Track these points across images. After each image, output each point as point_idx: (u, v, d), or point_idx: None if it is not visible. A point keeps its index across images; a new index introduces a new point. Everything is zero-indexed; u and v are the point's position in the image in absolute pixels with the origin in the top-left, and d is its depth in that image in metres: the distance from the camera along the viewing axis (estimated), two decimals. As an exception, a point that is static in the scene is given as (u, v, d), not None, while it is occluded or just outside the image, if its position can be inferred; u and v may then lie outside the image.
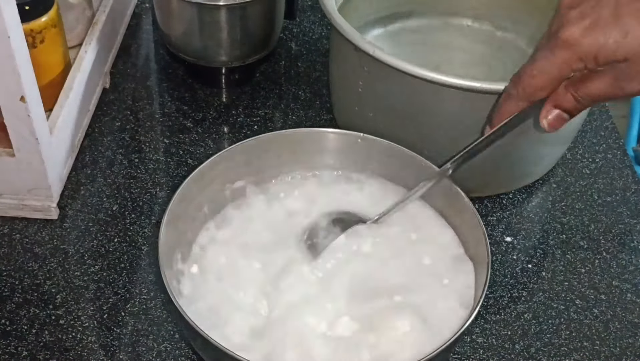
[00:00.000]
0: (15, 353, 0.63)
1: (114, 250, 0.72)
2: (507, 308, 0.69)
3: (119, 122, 0.84)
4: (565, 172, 0.82)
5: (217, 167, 0.64)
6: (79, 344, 0.64)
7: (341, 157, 0.68)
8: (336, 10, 0.73)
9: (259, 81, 0.90)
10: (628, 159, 0.83)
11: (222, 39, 0.85)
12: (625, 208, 0.78)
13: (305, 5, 0.99)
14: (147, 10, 0.98)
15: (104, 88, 0.87)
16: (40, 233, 0.72)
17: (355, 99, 0.76)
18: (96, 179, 0.78)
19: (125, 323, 0.66)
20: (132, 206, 0.75)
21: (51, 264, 0.70)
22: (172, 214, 0.60)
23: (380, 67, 0.68)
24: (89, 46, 0.80)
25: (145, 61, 0.92)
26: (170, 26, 0.87)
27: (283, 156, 0.67)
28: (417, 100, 0.70)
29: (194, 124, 0.84)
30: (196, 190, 0.63)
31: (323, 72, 0.90)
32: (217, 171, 0.64)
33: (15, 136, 0.68)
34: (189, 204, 0.62)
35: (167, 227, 0.59)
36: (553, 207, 0.78)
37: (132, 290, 0.68)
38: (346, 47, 0.71)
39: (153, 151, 0.81)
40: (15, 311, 0.66)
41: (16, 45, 0.61)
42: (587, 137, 0.85)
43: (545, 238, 0.75)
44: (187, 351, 0.64)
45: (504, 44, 0.88)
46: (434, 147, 0.68)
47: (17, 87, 0.64)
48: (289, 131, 0.69)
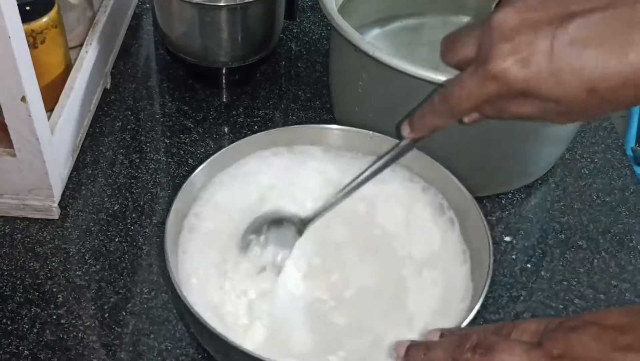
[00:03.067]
0: (17, 352, 0.63)
1: (115, 250, 0.72)
2: (506, 307, 0.69)
3: (120, 123, 0.84)
4: (564, 172, 0.82)
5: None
6: (80, 343, 0.64)
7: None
8: (336, 10, 0.73)
9: (259, 81, 0.90)
10: (627, 159, 0.84)
11: (222, 39, 0.85)
12: (624, 208, 0.78)
13: (305, 6, 0.99)
14: (148, 10, 0.98)
15: (105, 88, 0.87)
16: (42, 232, 0.73)
17: (356, 99, 0.76)
18: (97, 179, 0.78)
19: (126, 322, 0.66)
20: (133, 206, 0.76)
21: (52, 263, 0.70)
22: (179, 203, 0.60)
23: (380, 67, 0.68)
24: (90, 46, 0.80)
25: (146, 61, 0.93)
26: (170, 27, 0.88)
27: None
28: (417, 100, 0.70)
29: (194, 124, 0.84)
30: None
31: (323, 72, 0.91)
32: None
33: (16, 136, 0.68)
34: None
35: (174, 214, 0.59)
36: (552, 207, 0.79)
37: (133, 290, 0.69)
38: (346, 47, 0.71)
39: (154, 151, 0.82)
40: (17, 310, 0.66)
41: (17, 45, 0.62)
42: (586, 137, 0.85)
43: (544, 238, 0.76)
44: (188, 350, 0.64)
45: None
46: (433, 147, 0.68)
47: (18, 87, 0.64)
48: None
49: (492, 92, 0.48)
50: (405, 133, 0.57)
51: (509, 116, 0.50)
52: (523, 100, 0.48)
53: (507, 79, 0.47)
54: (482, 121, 0.53)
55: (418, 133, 0.57)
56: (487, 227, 0.59)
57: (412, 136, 0.57)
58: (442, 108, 0.53)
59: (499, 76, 0.47)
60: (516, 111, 0.49)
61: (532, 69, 0.45)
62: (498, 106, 0.50)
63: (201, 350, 0.64)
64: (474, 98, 0.50)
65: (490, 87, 0.48)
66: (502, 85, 0.47)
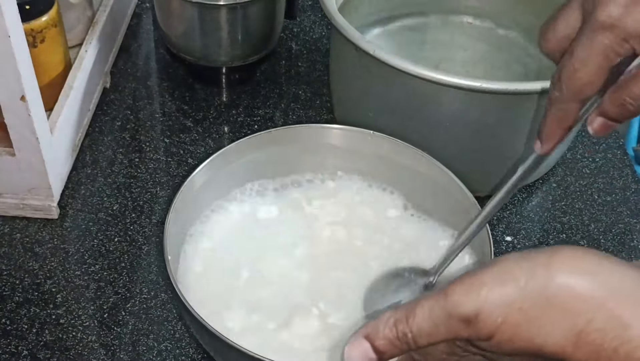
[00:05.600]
0: (16, 352, 0.63)
1: (115, 250, 0.72)
2: (507, 307, 0.69)
3: (120, 122, 0.84)
4: (565, 171, 0.82)
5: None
6: (80, 343, 0.64)
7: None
8: (336, 9, 0.73)
9: (260, 80, 0.90)
10: (628, 158, 0.83)
11: (222, 38, 0.85)
12: (625, 208, 0.78)
13: (306, 5, 0.99)
14: (148, 9, 0.98)
15: (105, 88, 0.87)
16: (41, 232, 0.72)
17: (356, 98, 0.76)
18: (97, 179, 0.78)
19: (125, 322, 0.66)
20: (133, 206, 0.75)
21: (52, 263, 0.70)
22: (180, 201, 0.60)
23: (381, 66, 0.68)
24: (90, 46, 0.80)
25: (146, 60, 0.92)
26: (170, 26, 0.87)
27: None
28: (417, 99, 0.70)
29: (194, 123, 0.84)
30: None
31: (323, 71, 0.91)
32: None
33: (15, 136, 0.68)
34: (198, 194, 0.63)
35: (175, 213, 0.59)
36: (553, 206, 0.78)
37: (133, 289, 0.69)
38: (346, 46, 0.71)
39: (153, 150, 0.81)
40: (16, 310, 0.66)
41: (16, 44, 0.61)
42: (587, 136, 0.85)
43: (546, 238, 0.75)
44: (188, 350, 0.64)
45: (506, 41, 0.88)
46: (434, 147, 0.68)
47: (17, 86, 0.64)
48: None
49: (606, 49, 0.42)
50: (537, 149, 0.51)
51: (632, 103, 0.44)
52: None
53: (617, 21, 0.41)
54: (609, 130, 0.47)
55: (548, 142, 0.49)
56: (488, 227, 0.59)
57: (544, 150, 0.50)
58: (559, 93, 0.46)
59: (608, 21, 0.42)
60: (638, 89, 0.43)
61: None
62: (615, 92, 0.43)
63: (201, 350, 0.64)
64: (590, 63, 0.43)
65: (601, 41, 0.42)
66: (614, 34, 0.42)
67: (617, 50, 0.43)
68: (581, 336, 0.35)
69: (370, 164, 0.68)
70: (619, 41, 0.42)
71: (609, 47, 0.43)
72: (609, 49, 0.43)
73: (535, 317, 0.36)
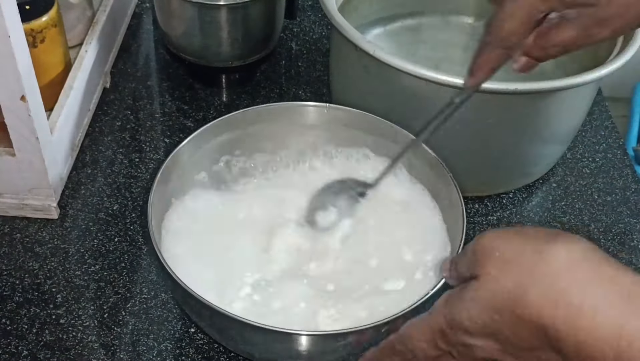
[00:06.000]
0: (16, 352, 0.63)
1: (115, 249, 0.72)
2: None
3: (120, 122, 0.84)
4: (565, 171, 0.82)
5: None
6: (80, 343, 0.64)
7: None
8: (336, 10, 0.73)
9: (260, 80, 0.90)
10: (628, 158, 0.83)
11: (222, 38, 0.85)
12: (625, 208, 0.78)
13: (306, 5, 0.99)
14: (148, 10, 0.98)
15: (105, 88, 0.87)
16: (41, 232, 0.72)
17: (356, 98, 0.76)
18: (97, 179, 0.78)
19: (125, 322, 0.66)
20: (133, 206, 0.75)
21: (52, 263, 0.70)
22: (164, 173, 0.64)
23: (381, 66, 0.68)
24: (90, 46, 0.80)
25: (146, 60, 0.92)
26: (170, 26, 0.87)
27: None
28: (417, 99, 0.70)
29: (194, 123, 0.84)
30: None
31: (323, 71, 0.91)
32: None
33: (15, 136, 0.68)
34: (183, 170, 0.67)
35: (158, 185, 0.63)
36: (553, 206, 0.78)
37: (133, 289, 0.69)
38: (346, 46, 0.71)
39: (153, 150, 0.81)
40: (16, 310, 0.66)
41: (16, 44, 0.61)
42: (587, 136, 0.85)
43: (546, 238, 0.75)
44: (188, 351, 0.64)
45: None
46: (434, 147, 0.68)
47: (17, 86, 0.64)
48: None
49: (530, 7, 0.49)
50: (466, 82, 0.58)
51: (554, 48, 0.51)
52: (563, 22, 0.49)
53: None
54: (531, 68, 0.53)
55: (475, 78, 0.57)
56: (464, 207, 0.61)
57: (471, 82, 0.57)
58: (490, 38, 0.53)
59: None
60: (560, 36, 0.50)
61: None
62: (540, 38, 0.50)
63: (201, 350, 0.64)
64: (515, 17, 0.50)
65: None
66: None
67: (539, 7, 0.49)
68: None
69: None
70: (541, 0, 0.49)
71: (532, 4, 0.49)
72: (532, 7, 0.49)
73: (527, 268, 0.39)
